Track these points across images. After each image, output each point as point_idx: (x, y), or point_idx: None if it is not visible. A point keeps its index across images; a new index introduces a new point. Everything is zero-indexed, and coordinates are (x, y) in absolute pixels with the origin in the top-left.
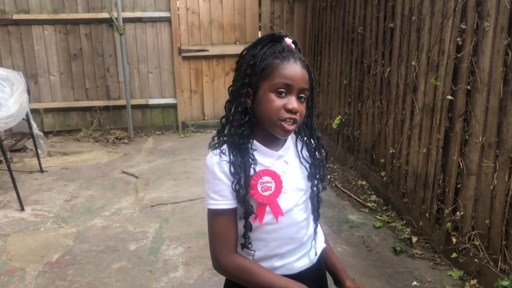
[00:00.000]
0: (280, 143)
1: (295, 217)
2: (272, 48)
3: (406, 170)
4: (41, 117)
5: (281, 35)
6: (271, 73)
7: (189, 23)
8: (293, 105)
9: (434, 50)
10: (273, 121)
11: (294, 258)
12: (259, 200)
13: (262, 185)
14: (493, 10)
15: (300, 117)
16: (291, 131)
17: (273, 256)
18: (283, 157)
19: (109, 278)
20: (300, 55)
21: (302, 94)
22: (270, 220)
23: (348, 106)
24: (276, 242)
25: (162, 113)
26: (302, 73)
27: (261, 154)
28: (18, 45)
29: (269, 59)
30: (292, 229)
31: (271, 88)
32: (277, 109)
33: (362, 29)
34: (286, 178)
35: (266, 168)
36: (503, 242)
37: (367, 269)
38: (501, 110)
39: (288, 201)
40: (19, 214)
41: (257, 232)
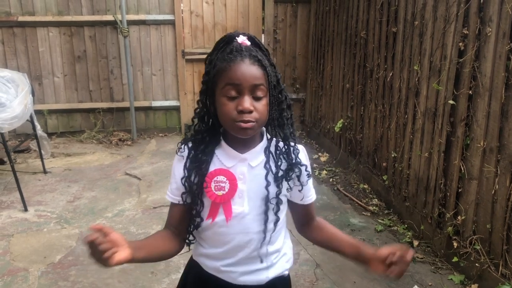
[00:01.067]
0: (249, 146)
1: (248, 226)
2: (223, 51)
3: (408, 174)
4: (45, 118)
5: (233, 34)
6: (219, 78)
7: (193, 26)
8: (244, 105)
9: (436, 55)
10: (229, 125)
11: (240, 270)
12: (212, 198)
13: (216, 184)
14: (495, 15)
15: (260, 115)
16: (249, 129)
17: (220, 258)
18: (247, 160)
19: (111, 279)
20: (254, 51)
21: (256, 92)
22: (221, 221)
23: (350, 109)
24: (225, 246)
25: (165, 115)
26: (251, 70)
27: (224, 154)
28: (23, 46)
29: (218, 63)
30: (243, 237)
31: (221, 92)
32: (229, 112)
33: (365, 33)
34: (245, 182)
35: (223, 168)
36: (504, 246)
37: (368, 272)
38: (502, 115)
39: (243, 205)
40: (22, 215)
41: (209, 232)
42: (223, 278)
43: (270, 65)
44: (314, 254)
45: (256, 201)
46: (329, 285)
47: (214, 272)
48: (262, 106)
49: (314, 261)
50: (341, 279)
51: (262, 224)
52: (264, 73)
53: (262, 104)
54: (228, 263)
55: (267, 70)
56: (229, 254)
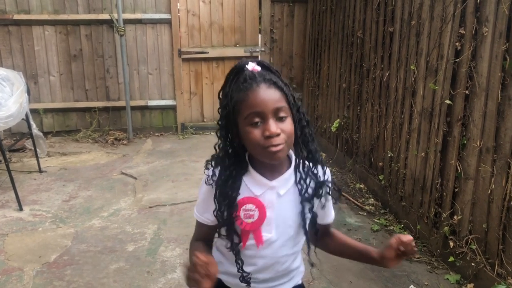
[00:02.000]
0: (278, 172)
1: (277, 250)
2: (237, 81)
3: (404, 173)
4: (40, 117)
5: (242, 63)
6: (240, 109)
7: (189, 25)
8: (271, 130)
9: (433, 55)
10: (258, 153)
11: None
12: (241, 226)
13: (245, 212)
14: (491, 15)
15: (287, 136)
16: (279, 152)
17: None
18: (276, 188)
19: (106, 278)
20: (267, 75)
21: (279, 113)
22: (251, 246)
23: (347, 109)
24: (254, 267)
25: (161, 115)
26: (270, 94)
27: (252, 181)
28: (18, 45)
29: (235, 95)
30: (270, 261)
31: (245, 122)
32: (257, 140)
33: (361, 33)
34: (273, 210)
35: (252, 196)
36: (500, 246)
37: (365, 272)
38: (499, 115)
39: (270, 233)
40: (17, 214)
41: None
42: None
43: (284, 85)
44: (311, 254)
45: (284, 228)
46: (325, 285)
47: (235, 287)
48: (288, 126)
49: (310, 260)
50: (338, 279)
51: (291, 247)
52: (282, 94)
53: (287, 124)
54: (254, 281)
55: (284, 91)
56: (254, 275)
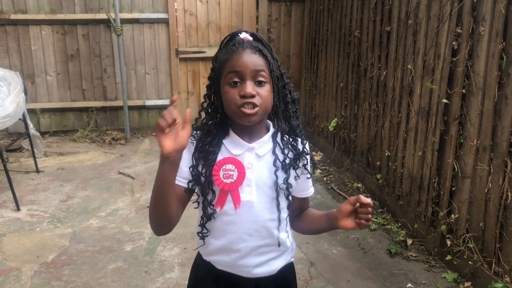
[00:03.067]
0: (257, 135)
1: (257, 213)
2: (227, 46)
3: (402, 172)
4: (37, 117)
5: (236, 32)
6: (222, 69)
7: (186, 25)
8: (246, 90)
9: (430, 54)
10: (233, 111)
11: (254, 262)
12: (220, 186)
13: (224, 172)
14: (488, 14)
15: (262, 100)
16: (253, 114)
17: (230, 251)
18: (254, 149)
19: (104, 278)
20: (255, 44)
21: (258, 77)
22: (229, 209)
23: (344, 108)
24: (232, 235)
25: (159, 114)
26: (252, 58)
27: (232, 143)
28: (15, 45)
29: (221, 57)
30: (253, 225)
31: (225, 81)
32: (232, 98)
33: (359, 32)
34: (253, 171)
35: (231, 157)
36: (497, 244)
37: (362, 271)
38: (495, 113)
39: (251, 194)
40: (15, 214)
41: (217, 222)
42: (237, 273)
43: (272, 58)
44: (308, 253)
45: (265, 190)
46: (323, 284)
47: (227, 268)
48: (265, 91)
49: (308, 259)
50: (335, 278)
51: (272, 212)
52: (265, 61)
53: (265, 90)
54: (240, 256)
55: (268, 59)
56: (237, 245)
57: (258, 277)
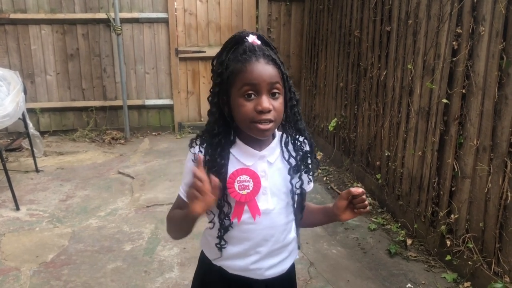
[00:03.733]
0: (265, 143)
1: (274, 219)
2: (235, 51)
3: (402, 172)
4: (37, 116)
5: (242, 35)
6: (235, 79)
7: (186, 24)
8: (263, 105)
9: (430, 54)
10: (247, 125)
11: (267, 264)
12: (237, 198)
13: (239, 184)
14: (488, 14)
15: (277, 114)
16: (268, 130)
17: (248, 256)
18: (266, 157)
19: (104, 278)
20: (266, 50)
21: (273, 89)
22: (247, 219)
23: (344, 108)
24: (249, 242)
25: (158, 114)
26: (267, 69)
27: (242, 153)
28: (15, 44)
29: (232, 64)
30: (270, 231)
31: (239, 93)
32: (248, 113)
33: (359, 32)
34: (267, 179)
35: (244, 167)
36: (497, 245)
37: (362, 271)
38: (495, 114)
39: (267, 202)
40: (14, 214)
41: (234, 231)
42: (250, 276)
43: (281, 63)
44: (308, 253)
45: (280, 196)
46: (322, 284)
47: (241, 272)
48: (279, 104)
49: (308, 259)
50: (335, 278)
51: (287, 216)
52: (279, 72)
53: (279, 102)
54: (255, 260)
55: (281, 69)
56: (254, 250)
57: (269, 278)
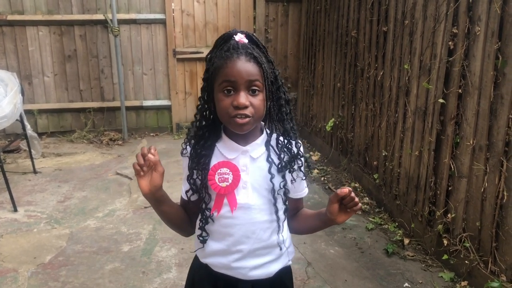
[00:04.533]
0: (250, 139)
1: (254, 216)
2: (221, 49)
3: (399, 172)
4: (35, 118)
5: (231, 32)
6: (217, 75)
7: (184, 25)
8: (239, 100)
9: (426, 54)
10: (226, 120)
11: (250, 264)
12: (216, 190)
13: (220, 176)
14: (484, 14)
15: (255, 110)
16: (245, 124)
17: (228, 253)
18: (248, 152)
19: (102, 279)
20: (251, 49)
21: (252, 86)
22: (226, 212)
23: (341, 108)
24: (230, 238)
25: (156, 115)
26: (247, 67)
27: (225, 147)
28: (12, 46)
29: (216, 61)
30: (250, 227)
31: (218, 88)
32: (225, 108)
33: (355, 32)
34: (248, 174)
35: (226, 160)
36: (493, 244)
37: (360, 270)
38: (491, 113)
39: (247, 196)
40: (12, 215)
41: (215, 225)
42: (233, 275)
43: (267, 62)
44: (306, 253)
45: (262, 192)
46: (320, 284)
47: (224, 270)
48: (258, 101)
49: (306, 259)
50: (333, 277)
51: (269, 214)
52: (260, 70)
53: (258, 99)
54: (237, 258)
55: (263, 67)
56: (235, 247)
57: (254, 279)
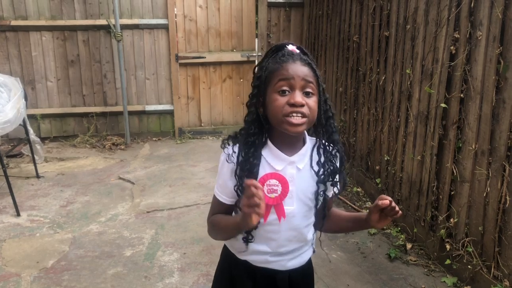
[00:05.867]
0: (297, 148)
1: (297, 223)
2: (275, 56)
3: (401, 177)
4: (38, 122)
5: (283, 44)
6: (272, 77)
7: (186, 30)
8: (296, 99)
9: (428, 59)
10: (279, 119)
11: (288, 257)
12: (266, 201)
13: (268, 187)
14: (485, 19)
15: (310, 111)
16: (299, 125)
17: (269, 253)
18: (295, 163)
19: (104, 283)
20: (304, 56)
21: (307, 88)
22: (273, 220)
23: (343, 113)
24: (275, 242)
25: (159, 120)
26: (302, 69)
27: (273, 157)
28: (15, 51)
29: (270, 66)
30: (292, 233)
31: (274, 89)
32: (280, 106)
33: (357, 37)
34: (294, 184)
35: (274, 172)
36: (496, 248)
37: (362, 275)
38: (493, 118)
39: (292, 205)
40: (15, 220)
41: (260, 230)
42: (273, 268)
43: (318, 71)
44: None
45: (304, 200)
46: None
47: (264, 264)
48: (312, 102)
49: None
50: (335, 282)
51: (309, 219)
52: (314, 74)
53: (312, 101)
54: (276, 254)
55: (316, 73)
56: (278, 249)
57: (291, 269)
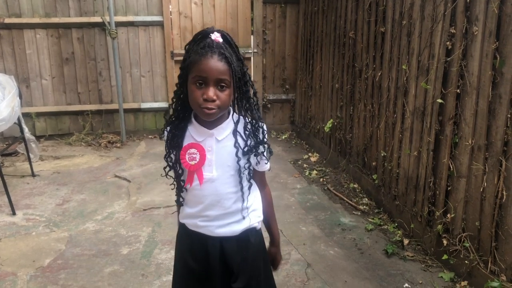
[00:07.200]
0: (216, 123)
1: (218, 188)
2: (199, 44)
3: (398, 173)
4: (33, 121)
5: (208, 30)
6: (192, 68)
7: (181, 27)
8: (208, 94)
9: (424, 54)
10: (195, 107)
11: (216, 224)
12: (186, 167)
13: (189, 155)
14: (481, 14)
15: (221, 103)
16: (212, 114)
17: (198, 216)
18: (214, 135)
19: (101, 282)
20: (223, 48)
21: (221, 83)
22: (196, 185)
23: (340, 109)
24: (201, 205)
25: (154, 117)
26: (218, 66)
27: (195, 130)
28: (9, 49)
29: (192, 55)
30: (215, 197)
31: (192, 80)
32: (196, 98)
33: (353, 33)
34: (213, 153)
35: (194, 142)
36: (493, 243)
37: (359, 271)
38: (490, 113)
39: (211, 172)
40: (10, 219)
41: (188, 195)
42: (203, 232)
43: (237, 60)
44: (305, 254)
45: (224, 168)
46: (320, 285)
47: (194, 228)
48: (224, 95)
49: (305, 261)
50: (333, 279)
51: (233, 187)
52: (229, 68)
53: (225, 94)
54: (204, 219)
55: (232, 66)
56: (204, 212)
57: (221, 236)
